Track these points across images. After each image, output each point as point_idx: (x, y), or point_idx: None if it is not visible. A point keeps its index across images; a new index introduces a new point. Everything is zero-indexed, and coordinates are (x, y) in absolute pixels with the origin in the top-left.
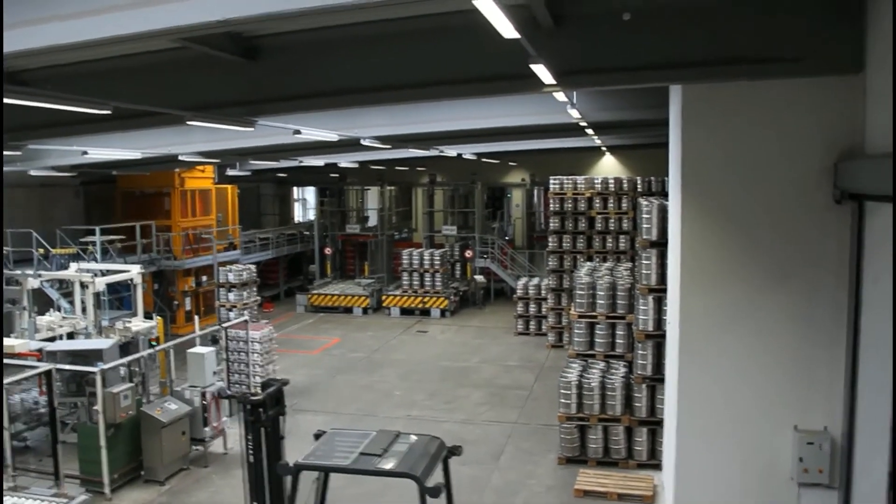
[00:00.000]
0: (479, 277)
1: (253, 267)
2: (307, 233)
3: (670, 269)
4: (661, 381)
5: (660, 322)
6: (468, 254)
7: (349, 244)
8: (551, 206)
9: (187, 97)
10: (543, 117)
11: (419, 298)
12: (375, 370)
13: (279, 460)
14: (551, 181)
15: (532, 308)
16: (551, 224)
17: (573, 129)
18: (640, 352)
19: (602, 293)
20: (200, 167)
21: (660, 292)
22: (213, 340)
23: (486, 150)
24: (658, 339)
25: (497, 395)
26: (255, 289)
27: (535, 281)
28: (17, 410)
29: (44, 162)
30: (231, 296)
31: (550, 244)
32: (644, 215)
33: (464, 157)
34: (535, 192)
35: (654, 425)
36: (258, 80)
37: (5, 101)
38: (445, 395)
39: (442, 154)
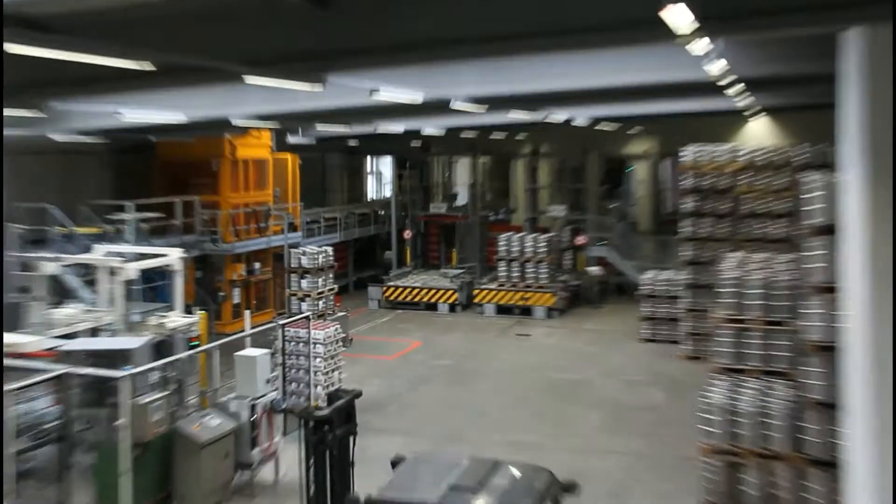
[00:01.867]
0: (595, 269)
1: (329, 249)
2: (382, 212)
3: (849, 262)
4: (840, 407)
5: (835, 330)
6: (580, 240)
7: (433, 227)
8: (684, 182)
9: (245, 50)
10: (674, 73)
11: (519, 294)
12: (465, 382)
13: (347, 492)
14: (684, 152)
15: (661, 309)
16: (685, 205)
17: (710, 89)
18: (809, 368)
19: (754, 292)
20: (256, 133)
21: (832, 291)
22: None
23: (603, 115)
24: (834, 352)
25: (618, 417)
26: (331, 275)
27: (666, 275)
28: (25, 422)
29: (67, 125)
30: (304, 283)
31: (684, 229)
32: (810, 194)
33: (575, 122)
34: (664, 164)
35: (834, 468)
36: (330, 30)
37: (26, 52)
38: (553, 416)
39: (548, 119)
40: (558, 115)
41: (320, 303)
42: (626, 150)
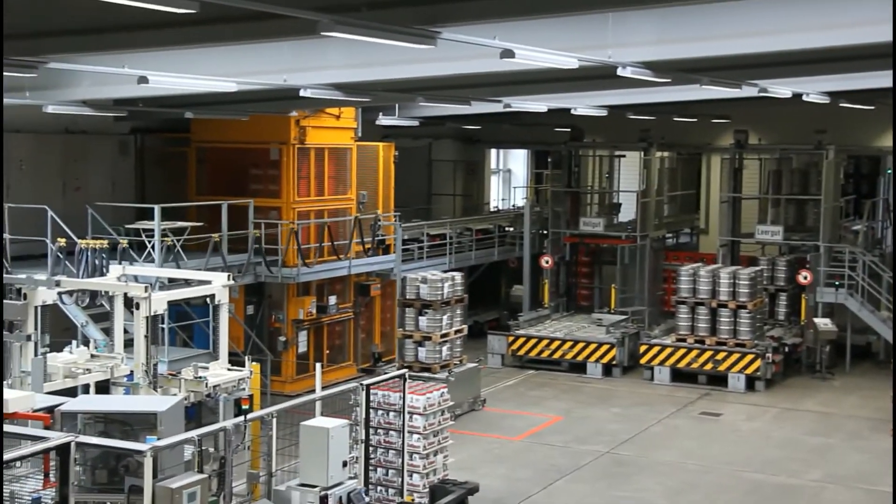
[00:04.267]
0: (825, 322)
1: (458, 276)
2: (510, 229)
3: None
4: None
5: None
6: (804, 278)
7: (584, 252)
8: None
9: None
10: None
11: (708, 354)
12: (623, 479)
13: None
14: None
15: None
16: None
17: None
18: None
19: None
20: (334, 111)
21: None
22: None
23: (849, 88)
24: None
25: None
26: (459, 311)
27: None
28: None
29: (72, 93)
30: (423, 321)
31: None
32: None
33: (806, 98)
34: None
35: None
36: None
37: None
38: None
39: (763, 94)
40: (779, 89)
41: (444, 348)
42: (885, 141)
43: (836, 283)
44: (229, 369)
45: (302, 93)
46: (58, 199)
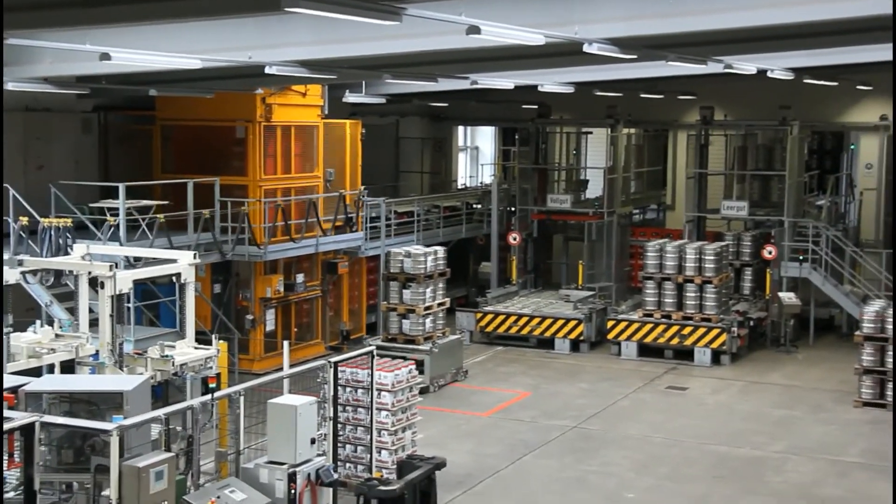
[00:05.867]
0: (789, 296)
1: (441, 250)
2: (478, 206)
3: None
4: None
5: None
6: (769, 252)
7: (552, 229)
8: None
9: None
10: None
11: (674, 329)
12: (590, 453)
13: None
14: None
15: (891, 359)
16: None
17: None
18: None
19: None
20: (300, 88)
21: None
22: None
23: (813, 64)
24: None
25: None
26: (442, 285)
27: None
28: None
29: (33, 69)
30: (407, 294)
31: None
32: None
33: (770, 74)
34: None
35: None
36: None
37: None
38: None
39: (729, 71)
40: (744, 65)
41: (427, 321)
42: (848, 117)
43: (801, 257)
44: (196, 348)
45: (267, 70)
46: (19, 178)
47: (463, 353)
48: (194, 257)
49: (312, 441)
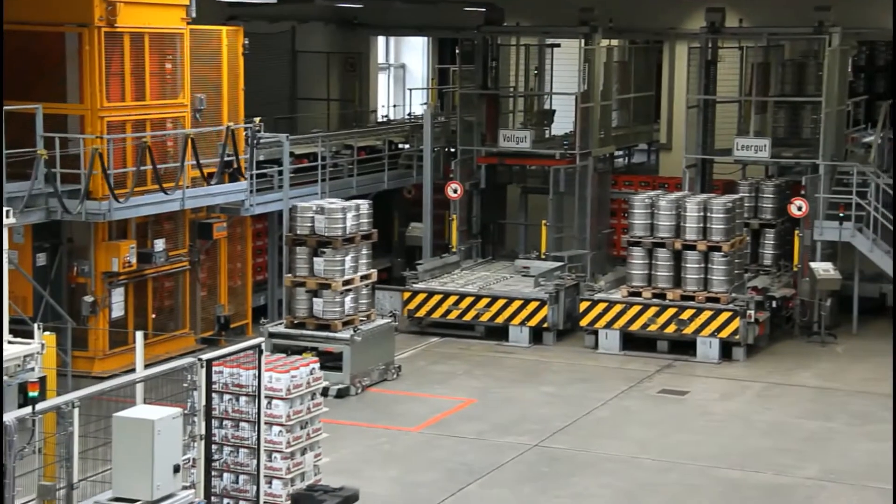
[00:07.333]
0: (825, 268)
1: (366, 204)
2: (405, 146)
3: None
4: None
5: None
6: (798, 208)
7: (505, 177)
8: None
9: None
10: None
11: (670, 312)
12: (560, 480)
13: None
14: None
15: None
16: None
17: None
18: None
19: None
20: None
21: None
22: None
23: None
24: None
25: None
26: (366, 251)
27: None
28: None
29: None
30: (321, 264)
31: None
32: None
33: None
34: None
35: None
36: None
37: None
38: None
39: None
40: None
41: (347, 299)
42: None
43: (841, 214)
44: (11, 342)
45: None
46: None
47: (395, 343)
48: (7, 215)
49: (176, 469)
